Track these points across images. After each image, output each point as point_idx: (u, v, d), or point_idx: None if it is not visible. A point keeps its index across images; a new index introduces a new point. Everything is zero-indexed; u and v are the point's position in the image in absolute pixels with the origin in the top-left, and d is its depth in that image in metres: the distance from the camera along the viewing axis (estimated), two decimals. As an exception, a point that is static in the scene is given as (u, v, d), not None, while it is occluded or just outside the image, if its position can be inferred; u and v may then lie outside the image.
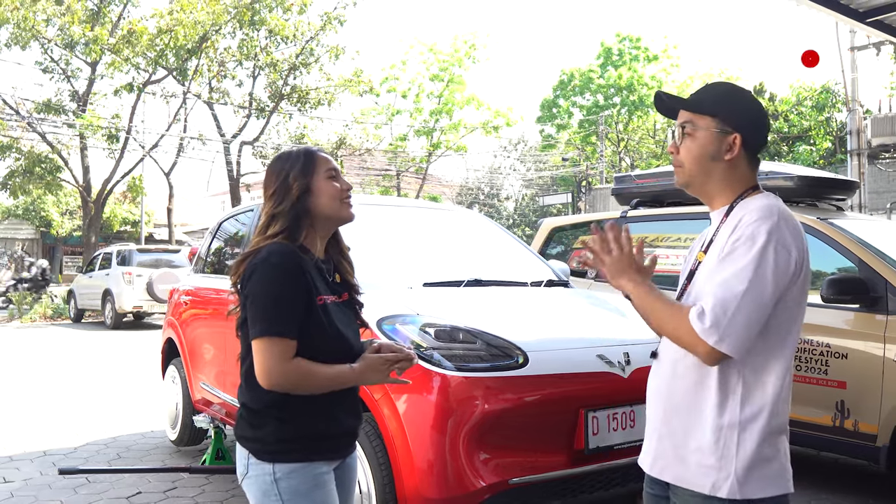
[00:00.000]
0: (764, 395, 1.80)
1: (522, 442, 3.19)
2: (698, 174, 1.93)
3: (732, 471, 1.77)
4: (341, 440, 2.16)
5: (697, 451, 1.81)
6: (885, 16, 6.98)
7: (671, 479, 1.87)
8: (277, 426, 2.02)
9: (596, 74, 38.15)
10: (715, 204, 1.95)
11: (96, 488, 4.91)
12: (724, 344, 1.71)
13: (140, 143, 26.12)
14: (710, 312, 1.72)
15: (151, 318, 18.91)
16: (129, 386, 9.02)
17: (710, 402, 1.81)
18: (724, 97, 1.95)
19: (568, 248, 7.35)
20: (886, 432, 4.30)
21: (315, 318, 2.02)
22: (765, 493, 1.78)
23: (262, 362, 1.95)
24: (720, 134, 1.89)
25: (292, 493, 2.00)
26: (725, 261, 1.78)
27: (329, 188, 2.13)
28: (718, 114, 1.90)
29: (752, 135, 1.92)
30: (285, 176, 2.12)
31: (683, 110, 1.97)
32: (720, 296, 1.73)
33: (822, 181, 5.72)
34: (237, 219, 5.62)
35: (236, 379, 4.94)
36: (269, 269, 1.98)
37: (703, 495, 1.79)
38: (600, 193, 27.65)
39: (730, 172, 1.91)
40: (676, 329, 1.78)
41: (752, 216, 1.79)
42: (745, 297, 1.72)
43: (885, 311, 4.41)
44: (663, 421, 1.90)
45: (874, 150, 18.50)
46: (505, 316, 3.64)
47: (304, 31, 25.88)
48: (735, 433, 1.78)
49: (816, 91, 27.94)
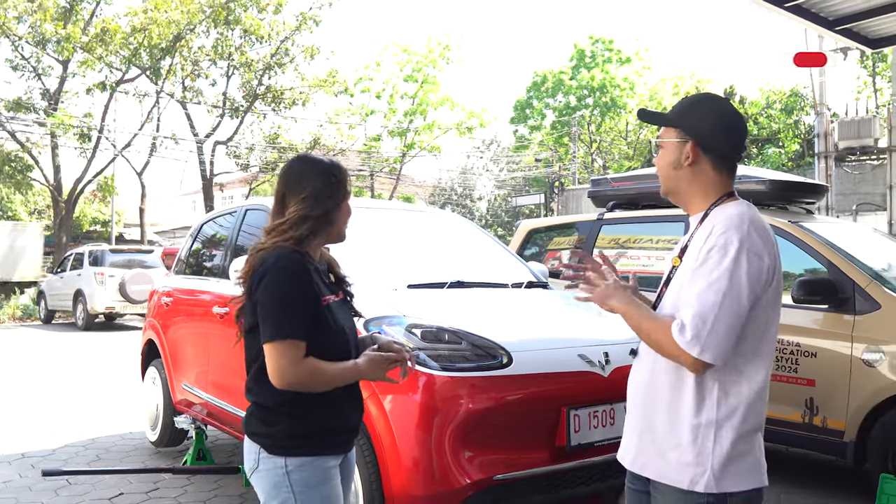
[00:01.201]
0: (740, 395, 1.88)
1: (506, 440, 3.27)
2: (667, 183, 2.06)
3: (709, 466, 1.86)
4: (348, 434, 2.27)
5: (676, 448, 1.90)
6: (854, 24, 7.18)
7: (652, 475, 1.96)
8: (290, 422, 2.12)
9: (568, 76, 38.38)
10: (691, 210, 2.04)
11: (78, 490, 4.91)
12: (706, 354, 1.81)
13: (112, 142, 25.88)
14: (689, 325, 1.82)
15: (124, 320, 18.77)
16: (105, 387, 8.98)
17: (688, 401, 1.89)
18: (686, 107, 2.05)
19: (543, 250, 7.46)
20: (853, 428, 4.45)
21: (322, 318, 2.13)
22: (740, 487, 1.88)
23: (275, 364, 2.04)
24: (680, 143, 2.00)
25: (303, 486, 2.10)
26: (699, 271, 1.86)
27: (348, 209, 2.28)
28: (679, 124, 2.01)
29: (711, 141, 1.98)
30: (326, 184, 2.20)
31: (657, 125, 2.10)
32: (698, 308, 1.82)
33: (792, 185, 5.88)
34: (219, 220, 5.64)
35: (219, 380, 4.97)
36: (277, 275, 2.07)
37: (682, 490, 1.88)
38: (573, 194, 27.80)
39: (695, 179, 2.00)
40: (661, 342, 1.89)
41: (723, 225, 1.87)
42: (722, 308, 1.81)
43: (852, 311, 4.57)
44: (643, 418, 1.99)
45: (841, 152, 18.82)
46: (488, 317, 3.72)
47: (279, 31, 25.82)
48: (712, 431, 1.87)
49: (785, 94, 28.36)
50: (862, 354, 4.45)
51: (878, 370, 4.38)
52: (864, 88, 28.76)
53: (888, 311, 4.45)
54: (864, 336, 4.47)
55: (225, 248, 5.22)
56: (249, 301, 2.13)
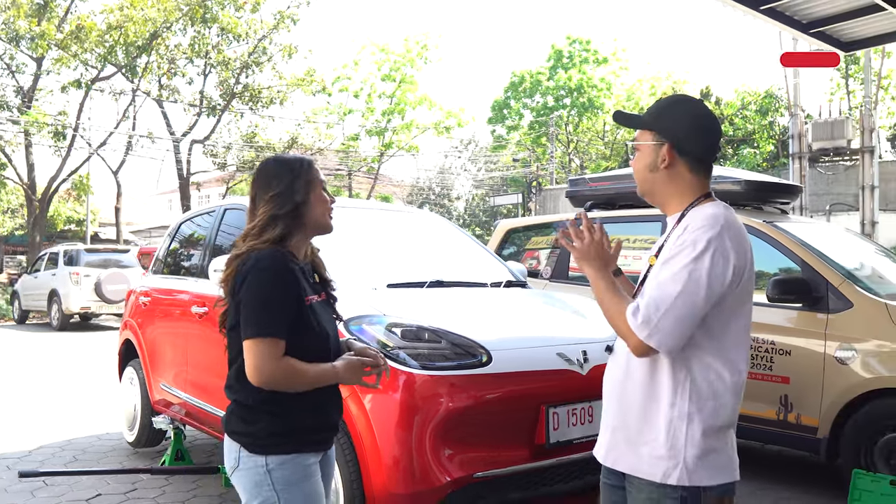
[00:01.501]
0: (710, 391, 1.92)
1: (486, 437, 3.30)
2: (644, 185, 2.09)
3: (682, 459, 1.90)
4: (328, 432, 2.28)
5: (649, 442, 1.94)
6: (827, 27, 7.29)
7: (625, 469, 2.00)
8: (270, 421, 2.12)
9: (545, 76, 38.51)
10: (668, 210, 2.07)
11: (55, 491, 4.88)
12: (652, 339, 1.86)
13: (87, 140, 25.63)
14: (643, 309, 1.88)
15: (99, 320, 18.60)
16: (81, 388, 8.91)
17: (661, 397, 1.93)
18: (661, 110, 2.07)
19: (521, 249, 7.51)
20: (826, 425, 4.53)
21: (305, 318, 2.14)
22: (712, 482, 1.92)
23: (254, 361, 2.05)
24: (656, 146, 2.02)
25: (285, 483, 2.11)
26: (666, 264, 1.91)
27: (323, 200, 2.26)
28: (654, 127, 2.04)
29: (687, 143, 2.01)
30: (291, 181, 2.21)
31: (632, 128, 2.13)
32: (654, 295, 1.88)
33: (767, 185, 5.96)
34: (198, 219, 5.62)
35: (197, 379, 4.96)
36: (259, 274, 2.09)
37: (656, 483, 1.92)
38: (550, 194, 27.95)
39: (671, 181, 2.03)
40: (614, 319, 1.95)
41: (697, 224, 1.91)
42: (677, 299, 1.85)
43: (825, 309, 4.64)
44: (617, 414, 2.03)
45: (815, 153, 19.06)
46: (468, 316, 3.75)
47: (256, 30, 25.69)
48: (684, 425, 1.91)
49: (760, 96, 28.68)
50: (835, 352, 4.53)
51: (850, 368, 4.46)
52: (837, 90, 29.12)
53: (860, 310, 4.53)
54: (837, 334, 4.55)
55: (203, 247, 5.20)
56: (233, 302, 2.14)
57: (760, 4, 6.85)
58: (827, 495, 4.76)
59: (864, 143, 16.71)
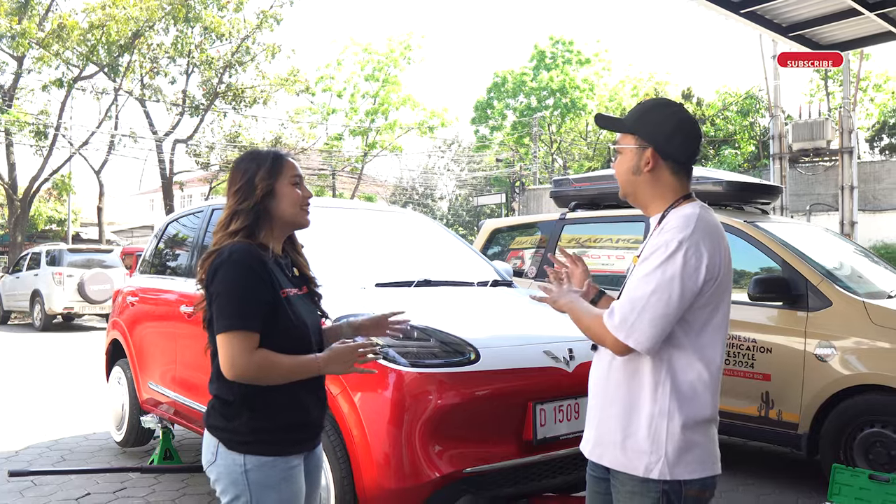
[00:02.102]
0: (690, 387, 1.98)
1: (475, 434, 3.36)
2: (627, 187, 2.14)
3: (663, 454, 1.96)
4: (311, 431, 2.25)
5: (631, 437, 2.00)
6: (806, 31, 7.42)
7: (609, 464, 2.06)
8: (250, 417, 2.11)
9: (528, 77, 38.65)
10: (650, 211, 2.13)
11: (44, 490, 4.89)
12: (630, 339, 1.93)
13: (69, 139, 25.47)
14: (618, 311, 1.95)
15: (82, 320, 18.50)
16: (66, 388, 8.89)
17: (642, 393, 2.00)
18: (643, 114, 2.11)
19: (506, 249, 7.58)
20: (807, 421, 4.63)
21: (281, 310, 2.13)
22: (693, 475, 1.98)
23: (226, 355, 2.05)
24: (639, 150, 2.08)
25: (260, 486, 2.09)
26: (641, 265, 1.98)
27: (291, 194, 2.22)
28: (637, 131, 2.09)
29: (668, 146, 2.06)
30: (252, 175, 2.20)
31: (615, 131, 2.18)
32: (629, 296, 1.95)
33: (748, 186, 6.06)
34: (185, 219, 5.64)
35: (186, 378, 4.98)
36: (231, 268, 2.08)
37: (639, 478, 1.98)
38: (534, 194, 28.06)
39: (654, 184, 2.08)
40: (591, 327, 2.03)
41: (671, 224, 1.98)
42: (651, 298, 1.92)
43: (805, 308, 4.74)
44: (601, 410, 2.09)
45: (795, 154, 19.29)
46: (456, 314, 3.80)
47: (239, 29, 25.67)
48: (665, 420, 1.96)
49: (741, 97, 28.90)
50: (815, 350, 4.63)
51: (829, 364, 4.56)
52: (816, 91, 29.47)
53: (839, 308, 4.63)
54: (816, 332, 4.65)
55: (191, 247, 5.23)
56: (208, 296, 2.14)
57: (741, 8, 6.97)
58: (807, 490, 4.85)
59: (844, 144, 16.94)
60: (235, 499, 2.11)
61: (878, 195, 20.09)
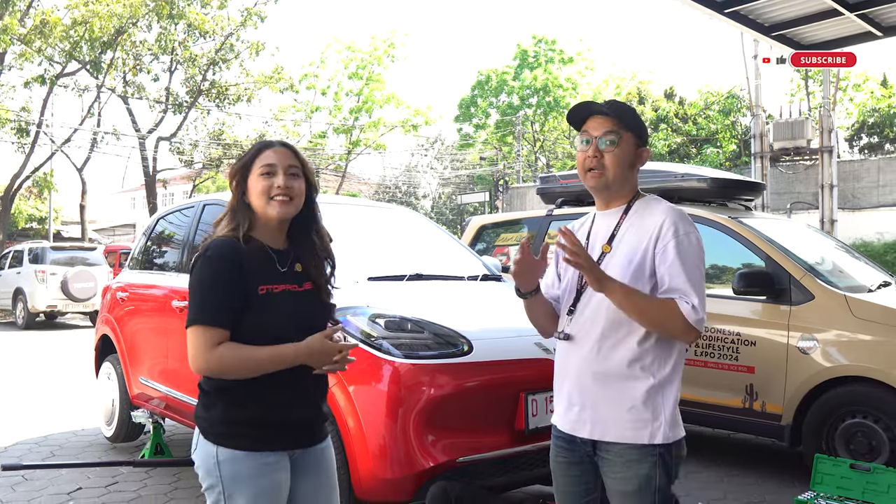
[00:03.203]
0: (673, 357, 2.17)
1: (468, 424, 3.42)
2: (618, 178, 2.21)
3: (663, 420, 2.12)
4: (292, 430, 2.17)
5: (633, 409, 2.13)
6: (787, 30, 7.54)
7: (613, 439, 2.15)
8: (224, 409, 2.11)
9: (511, 76, 38.74)
10: (613, 204, 2.27)
11: (35, 485, 4.89)
12: (702, 324, 2.10)
13: (51, 137, 25.29)
14: (699, 306, 2.08)
15: (66, 318, 18.38)
16: (53, 385, 8.86)
17: (640, 369, 2.13)
18: (636, 117, 2.27)
19: (491, 246, 7.66)
20: (790, 412, 4.73)
21: (258, 307, 2.09)
22: (677, 436, 2.17)
23: (190, 349, 2.06)
24: (636, 145, 2.24)
25: (232, 478, 2.08)
26: (680, 256, 2.10)
27: (257, 185, 2.15)
28: (637, 129, 2.24)
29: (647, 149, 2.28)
30: (231, 172, 2.23)
31: (609, 120, 2.20)
32: (699, 292, 2.10)
33: (732, 183, 6.17)
34: (176, 215, 5.67)
35: (178, 372, 5.00)
36: (204, 262, 2.10)
37: (641, 445, 2.12)
38: (517, 192, 28.14)
39: (633, 179, 2.26)
40: (668, 321, 2.09)
41: (673, 217, 2.14)
42: (703, 285, 2.13)
43: (788, 301, 4.84)
44: (596, 390, 2.18)
45: (776, 153, 19.48)
46: (448, 307, 3.87)
47: (223, 26, 25.57)
48: (662, 389, 2.14)
49: (723, 96, 29.14)
50: (797, 342, 4.72)
51: (812, 357, 4.66)
52: (797, 91, 29.73)
53: (821, 302, 4.73)
54: (799, 325, 4.75)
55: (182, 242, 5.25)
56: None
57: (724, 8, 7.07)
58: (790, 480, 4.94)
59: (824, 143, 17.15)
60: (210, 488, 2.12)
61: (857, 194, 20.34)
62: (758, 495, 4.70)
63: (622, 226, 2.20)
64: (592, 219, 2.33)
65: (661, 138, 27.51)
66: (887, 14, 7.13)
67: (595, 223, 2.30)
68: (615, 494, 2.17)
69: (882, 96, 28.71)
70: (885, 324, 4.53)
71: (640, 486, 2.12)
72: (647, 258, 2.13)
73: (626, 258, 2.15)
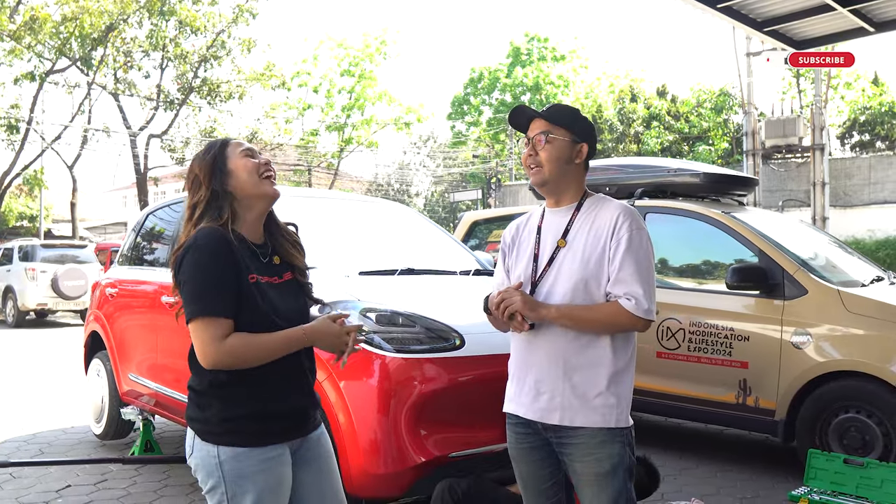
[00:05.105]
0: (631, 345, 2.31)
1: (460, 418, 3.40)
2: (555, 173, 2.34)
3: (626, 405, 2.28)
4: (290, 419, 2.16)
5: (600, 395, 2.24)
6: (780, 26, 7.52)
7: (582, 423, 2.25)
8: (221, 407, 2.06)
9: (504, 73, 38.75)
10: (563, 201, 2.38)
11: (23, 483, 4.85)
12: (650, 314, 2.24)
13: (41, 134, 25.16)
14: (645, 299, 2.21)
15: (56, 317, 18.28)
16: (42, 384, 8.79)
17: (604, 356, 2.26)
18: (574, 115, 2.39)
19: (483, 241, 7.64)
20: (783, 407, 4.72)
21: (248, 297, 2.06)
22: (630, 420, 2.32)
23: (198, 343, 2.00)
24: (572, 143, 2.34)
25: (235, 476, 2.05)
26: (629, 252, 2.22)
27: (246, 164, 2.15)
28: (573, 127, 2.35)
29: (592, 148, 2.38)
30: (198, 165, 2.17)
31: (542, 121, 2.35)
32: (644, 283, 2.22)
33: (725, 178, 6.16)
34: (165, 211, 5.62)
35: (168, 368, 4.96)
36: (195, 252, 2.03)
37: (608, 429, 2.24)
38: (510, 190, 28.14)
39: (576, 175, 2.38)
40: (614, 318, 2.23)
41: (625, 215, 2.27)
42: (651, 277, 2.26)
43: (782, 296, 4.83)
44: (565, 379, 2.27)
45: (768, 150, 19.54)
46: (440, 301, 3.83)
47: (214, 23, 25.49)
48: (623, 375, 2.28)
49: (715, 94, 29.21)
50: (791, 337, 4.71)
51: (805, 352, 4.65)
52: (789, 89, 29.80)
53: (814, 296, 4.72)
54: (792, 320, 4.73)
55: (173, 238, 5.21)
56: (177, 286, 2.09)
57: (717, 3, 7.04)
58: (784, 475, 4.93)
59: (815, 141, 17.18)
60: (213, 489, 2.07)
61: (848, 191, 20.40)
62: (752, 491, 4.69)
63: (575, 222, 2.32)
64: (542, 214, 2.44)
65: (653, 136, 27.57)
66: (880, 9, 7.12)
67: (545, 218, 2.41)
68: (588, 476, 2.26)
69: (873, 94, 28.78)
70: (878, 318, 4.52)
71: (613, 465, 2.24)
72: (605, 253, 2.25)
73: (584, 254, 2.27)
